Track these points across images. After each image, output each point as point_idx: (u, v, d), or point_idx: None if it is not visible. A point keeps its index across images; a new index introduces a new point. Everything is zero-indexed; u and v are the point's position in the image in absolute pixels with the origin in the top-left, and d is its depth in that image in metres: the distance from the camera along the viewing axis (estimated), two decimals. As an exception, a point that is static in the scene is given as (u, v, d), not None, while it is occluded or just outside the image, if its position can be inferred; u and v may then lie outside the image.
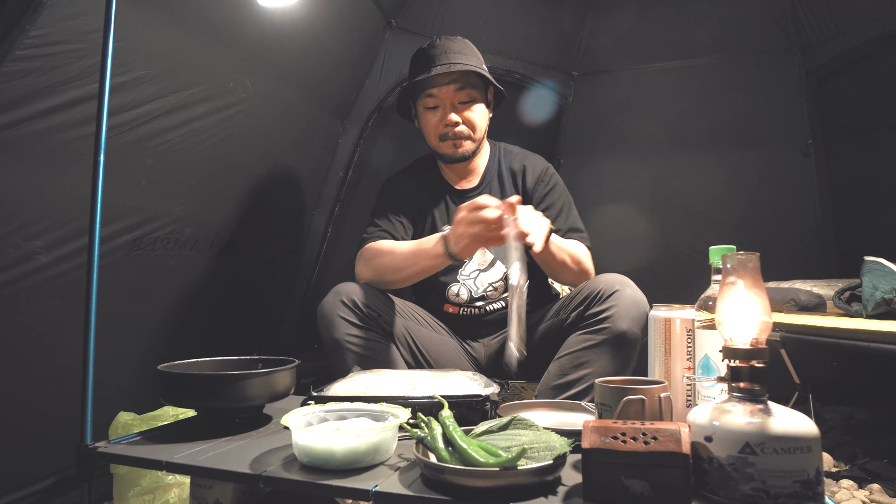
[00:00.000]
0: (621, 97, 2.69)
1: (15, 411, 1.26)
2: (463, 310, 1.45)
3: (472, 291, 1.44)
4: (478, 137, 1.44)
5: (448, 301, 1.46)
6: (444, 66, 1.36)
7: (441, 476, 0.66)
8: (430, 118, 1.43)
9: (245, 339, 2.00)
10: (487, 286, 1.44)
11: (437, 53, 1.39)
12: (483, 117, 1.44)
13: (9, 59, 1.06)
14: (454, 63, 1.37)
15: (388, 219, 1.45)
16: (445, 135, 1.41)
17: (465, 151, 1.43)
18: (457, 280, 1.45)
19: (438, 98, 1.40)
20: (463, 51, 1.41)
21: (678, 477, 0.60)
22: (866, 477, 1.57)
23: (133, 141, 1.36)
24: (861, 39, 2.13)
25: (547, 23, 2.57)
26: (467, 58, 1.40)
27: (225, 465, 0.76)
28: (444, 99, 1.40)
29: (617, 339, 1.15)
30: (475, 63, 1.41)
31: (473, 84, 1.41)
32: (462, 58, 1.39)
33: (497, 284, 1.44)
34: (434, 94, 1.40)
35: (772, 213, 2.45)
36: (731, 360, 0.66)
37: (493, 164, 1.52)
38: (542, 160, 1.53)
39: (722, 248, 0.81)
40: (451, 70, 1.36)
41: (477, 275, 1.45)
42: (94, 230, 0.90)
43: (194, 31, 1.44)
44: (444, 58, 1.38)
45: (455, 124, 1.40)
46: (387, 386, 0.98)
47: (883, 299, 1.51)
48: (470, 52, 1.43)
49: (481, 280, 1.44)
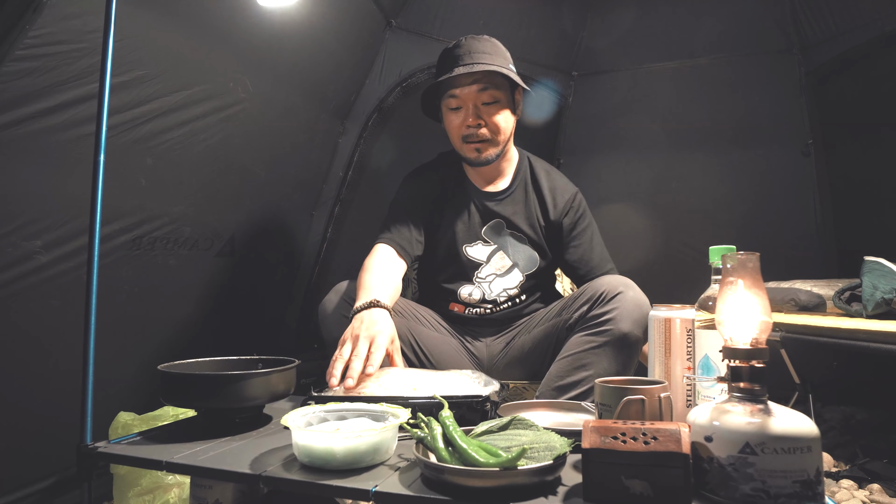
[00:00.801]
0: (621, 97, 2.69)
1: (15, 411, 1.26)
2: (469, 310, 1.44)
3: (486, 294, 1.43)
4: (501, 140, 1.39)
5: (457, 300, 1.45)
6: (466, 65, 1.33)
7: (441, 476, 0.66)
8: (452, 119, 1.39)
9: (245, 339, 2.00)
10: (501, 291, 1.43)
11: (461, 53, 1.35)
12: (507, 119, 1.39)
13: (9, 59, 1.06)
14: (477, 63, 1.33)
15: (399, 224, 1.41)
16: (468, 136, 1.37)
17: (489, 156, 1.39)
18: (472, 282, 1.44)
19: (461, 99, 1.36)
20: (488, 50, 1.37)
21: (678, 477, 0.60)
22: (866, 477, 1.58)
23: (133, 141, 1.36)
24: (861, 39, 2.14)
25: (547, 23, 2.57)
26: (492, 57, 1.36)
27: (225, 465, 0.76)
28: (467, 100, 1.36)
29: (619, 341, 1.15)
30: (500, 63, 1.36)
31: (497, 85, 1.36)
32: (487, 57, 1.35)
33: (511, 291, 1.43)
34: (456, 95, 1.36)
35: (772, 213, 2.45)
36: (731, 360, 0.66)
37: (522, 170, 1.49)
38: (570, 184, 1.50)
39: (722, 248, 0.81)
40: (474, 70, 1.32)
41: (493, 279, 1.44)
42: (93, 230, 0.90)
43: (194, 31, 1.44)
44: (469, 58, 1.34)
45: (477, 126, 1.36)
46: (385, 386, 0.98)
47: (883, 299, 1.51)
48: (496, 52, 1.39)
49: (497, 284, 1.43)
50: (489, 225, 1.45)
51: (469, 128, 1.36)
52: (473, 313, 1.44)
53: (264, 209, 1.91)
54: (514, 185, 1.47)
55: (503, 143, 1.40)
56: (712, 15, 2.45)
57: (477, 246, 1.44)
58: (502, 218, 1.44)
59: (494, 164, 1.43)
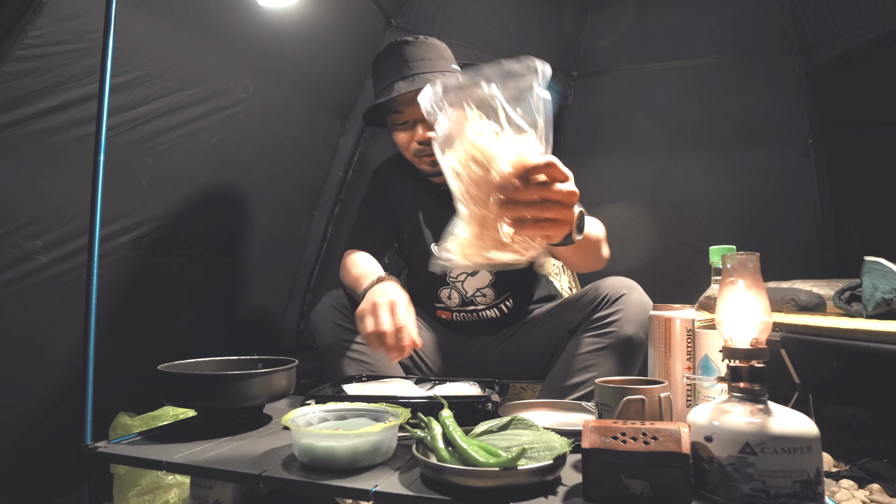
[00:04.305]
0: (621, 97, 2.69)
1: (15, 411, 1.26)
2: (455, 315, 1.42)
3: (462, 295, 1.39)
4: None
5: (440, 305, 1.42)
6: (407, 79, 1.23)
7: (441, 476, 0.66)
8: (400, 136, 1.31)
9: (245, 339, 2.00)
10: (475, 291, 1.39)
11: (400, 62, 1.26)
12: None
13: (9, 59, 1.06)
14: (418, 73, 1.24)
15: (368, 222, 1.41)
16: (419, 152, 1.29)
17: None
18: (447, 283, 1.40)
19: (406, 114, 1.28)
20: (426, 55, 1.27)
21: (678, 477, 0.60)
22: (866, 477, 1.57)
23: (133, 141, 1.36)
24: (861, 39, 2.13)
25: (547, 22, 2.57)
26: (433, 62, 1.27)
27: (225, 465, 0.76)
28: (413, 115, 1.26)
29: (623, 343, 1.14)
30: (441, 67, 1.27)
31: None
32: (427, 64, 1.26)
33: (485, 290, 1.38)
34: (402, 111, 1.27)
35: (772, 213, 2.45)
36: (731, 360, 0.66)
37: None
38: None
39: (722, 248, 0.81)
40: (416, 85, 1.22)
41: (465, 278, 1.39)
42: (94, 230, 0.90)
43: (194, 31, 1.44)
44: (408, 68, 1.25)
45: (427, 140, 1.26)
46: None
47: (883, 299, 1.51)
48: (435, 55, 1.29)
49: (469, 284, 1.39)
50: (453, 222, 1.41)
51: (420, 144, 1.28)
52: (460, 318, 1.42)
53: (264, 209, 1.91)
54: None
55: None
56: (712, 15, 2.45)
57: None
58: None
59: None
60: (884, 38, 2.06)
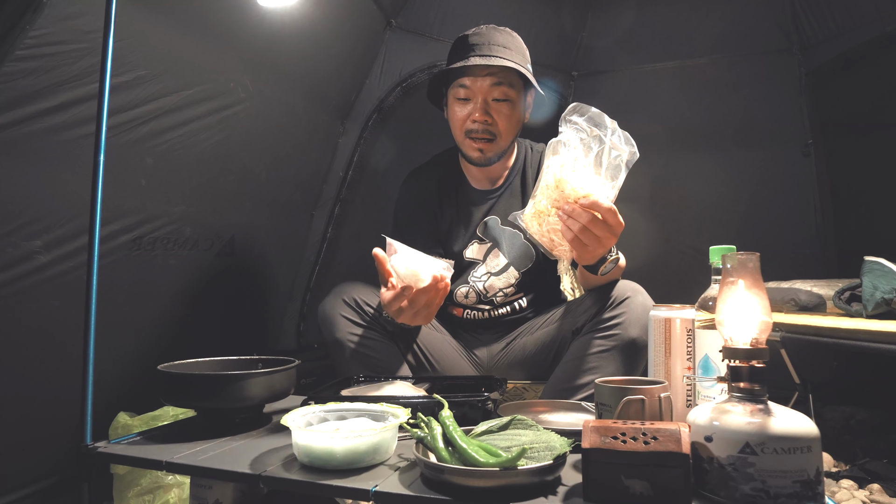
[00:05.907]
0: (621, 97, 2.69)
1: (15, 411, 1.26)
2: (467, 312, 1.43)
3: (481, 295, 1.41)
4: (504, 141, 1.34)
5: (455, 303, 1.44)
6: (483, 56, 1.26)
7: (441, 476, 0.66)
8: (457, 111, 1.33)
9: (245, 339, 2.00)
10: (497, 291, 1.41)
11: (479, 42, 1.29)
12: (514, 121, 1.34)
13: (9, 59, 1.05)
14: (495, 56, 1.27)
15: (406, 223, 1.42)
16: (472, 131, 1.32)
17: (490, 157, 1.35)
18: (467, 282, 1.42)
19: (471, 90, 1.30)
20: (508, 44, 1.31)
21: (678, 477, 0.60)
22: (866, 477, 1.57)
23: (133, 141, 1.36)
24: (861, 39, 2.13)
25: (547, 22, 2.56)
26: (511, 53, 1.30)
27: (225, 465, 0.76)
28: (477, 92, 1.29)
29: (626, 346, 1.14)
30: (519, 60, 1.30)
31: (512, 83, 1.30)
32: (506, 52, 1.29)
33: (507, 290, 1.41)
34: (467, 85, 1.30)
35: (772, 213, 2.45)
36: (731, 360, 0.66)
37: (517, 165, 1.45)
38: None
39: (722, 248, 0.81)
40: (491, 63, 1.25)
41: (488, 278, 1.41)
42: (93, 230, 0.90)
43: (194, 31, 1.44)
44: (486, 49, 1.28)
45: (484, 122, 1.30)
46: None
47: (883, 299, 1.51)
48: (515, 48, 1.33)
49: (491, 283, 1.41)
50: (484, 223, 1.43)
51: (475, 122, 1.31)
52: (472, 316, 1.43)
53: (264, 209, 1.91)
54: (511, 178, 1.45)
55: (505, 145, 1.36)
56: (712, 15, 2.44)
57: (473, 246, 1.43)
58: (497, 214, 1.43)
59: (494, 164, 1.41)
60: (884, 38, 2.06)
